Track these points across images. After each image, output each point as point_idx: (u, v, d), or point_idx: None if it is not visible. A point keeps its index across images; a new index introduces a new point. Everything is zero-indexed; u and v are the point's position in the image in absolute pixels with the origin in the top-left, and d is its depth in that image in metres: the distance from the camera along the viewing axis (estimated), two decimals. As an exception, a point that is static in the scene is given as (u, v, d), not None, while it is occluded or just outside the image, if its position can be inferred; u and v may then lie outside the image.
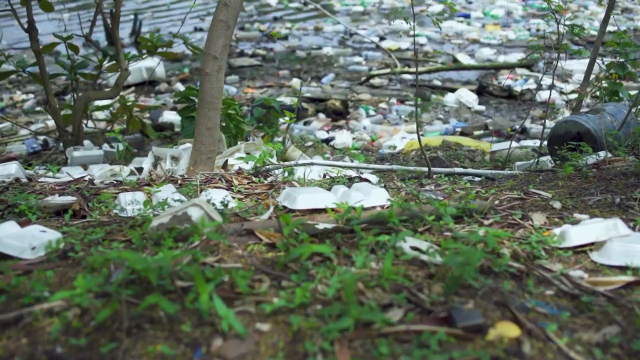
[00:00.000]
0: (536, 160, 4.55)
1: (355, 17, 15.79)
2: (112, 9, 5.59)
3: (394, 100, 9.20)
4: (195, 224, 2.28)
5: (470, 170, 4.01)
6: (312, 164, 3.89)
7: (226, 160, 4.02)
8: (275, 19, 15.49)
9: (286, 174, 3.82)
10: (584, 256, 2.40)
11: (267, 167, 3.79)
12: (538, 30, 13.72)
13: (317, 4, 13.41)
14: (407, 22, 3.80)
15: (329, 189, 3.37)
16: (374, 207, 3.09)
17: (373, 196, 3.16)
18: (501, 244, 2.40)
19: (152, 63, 10.29)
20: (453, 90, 9.56)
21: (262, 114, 5.67)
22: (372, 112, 8.56)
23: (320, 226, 2.51)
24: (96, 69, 5.91)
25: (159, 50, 6.26)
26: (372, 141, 7.27)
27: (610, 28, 13.88)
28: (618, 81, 6.27)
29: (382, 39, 13.29)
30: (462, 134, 7.54)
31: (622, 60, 5.76)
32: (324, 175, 3.95)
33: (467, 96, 9.12)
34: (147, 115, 8.91)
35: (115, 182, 3.82)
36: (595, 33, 13.65)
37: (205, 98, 3.93)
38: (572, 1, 16.74)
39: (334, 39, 13.38)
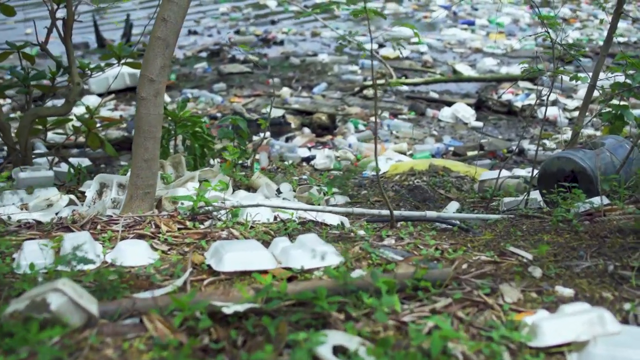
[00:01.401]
0: (525, 198, 4.02)
1: (355, 22, 15.25)
2: (65, 17, 5.08)
3: (386, 113, 8.66)
4: (54, 313, 1.77)
5: (443, 213, 3.48)
6: (257, 205, 3.37)
7: (161, 198, 3.50)
8: (273, 23, 14.98)
9: (229, 215, 3.30)
10: (559, 360, 1.88)
11: (207, 208, 3.27)
12: (545, 40, 13.13)
13: (315, 15, 12.87)
14: (360, 49, 3.28)
15: (272, 239, 2.86)
16: (317, 269, 2.58)
17: (318, 255, 2.64)
18: (454, 342, 1.88)
19: (136, 69, 9.78)
20: (450, 104, 9.02)
21: (227, 134, 5.16)
22: (361, 127, 8.04)
23: (230, 309, 1.99)
24: (50, 81, 5.40)
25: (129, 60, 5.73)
26: (357, 160, 6.75)
27: (620, 39, 13.31)
28: (623, 102, 5.76)
29: (381, 46, 12.76)
30: (454, 154, 7.01)
31: (630, 85, 5.24)
32: (275, 218, 3.43)
33: (464, 111, 8.58)
34: (124, 125, 8.43)
35: (30, 222, 3.32)
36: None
37: (141, 126, 3.42)
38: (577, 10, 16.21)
39: (331, 45, 12.85)
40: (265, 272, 2.54)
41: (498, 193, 4.50)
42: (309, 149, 6.94)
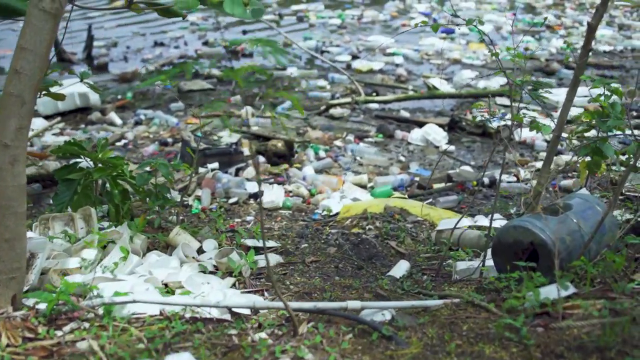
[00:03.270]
0: (479, 267, 3.40)
1: (332, 31, 14.60)
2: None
3: (351, 136, 8.02)
4: None
5: (370, 303, 2.83)
6: (132, 302, 2.72)
7: (14, 295, 2.85)
8: (245, 33, 14.31)
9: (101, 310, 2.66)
10: None
11: (69, 307, 2.63)
12: (527, 49, 12.54)
13: (281, 31, 12.24)
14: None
15: None
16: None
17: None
18: None
19: (87, 88, 9.11)
20: (421, 124, 8.38)
21: (147, 180, 4.50)
22: (322, 154, 7.38)
23: None
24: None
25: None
26: (311, 196, 6.10)
27: (605, 47, 12.71)
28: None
29: (355, 57, 12.14)
30: (419, 186, 6.38)
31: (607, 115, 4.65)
32: (161, 313, 2.79)
33: (435, 133, 7.94)
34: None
35: None
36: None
37: (-3, 200, 2.78)
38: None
39: (302, 57, 12.20)
40: None
41: (451, 254, 3.86)
42: (259, 182, 6.27)
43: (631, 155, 5.44)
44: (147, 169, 4.57)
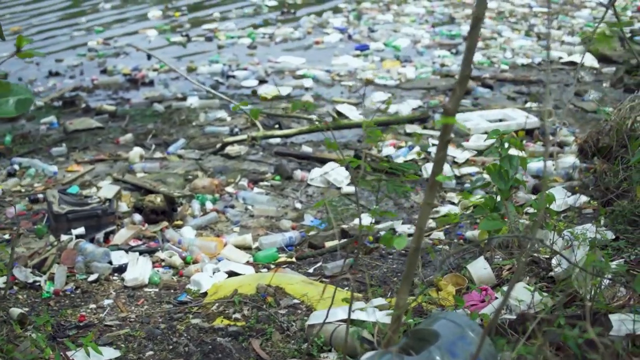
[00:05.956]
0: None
1: (241, 52, 13.81)
2: None
3: (245, 181, 7.29)
4: None
5: None
6: None
7: None
8: (149, 58, 13.40)
9: None
10: None
11: None
12: (442, 65, 12.03)
13: (169, 64, 11.43)
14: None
15: None
16: None
17: None
18: None
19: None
20: (324, 160, 7.71)
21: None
22: (209, 205, 6.63)
23: None
24: None
25: None
26: (186, 265, 5.35)
27: (523, 60, 12.26)
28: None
29: (262, 82, 11.41)
30: (310, 245, 5.69)
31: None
32: None
33: (336, 173, 7.26)
34: None
35: None
36: (505, 67, 12.02)
37: None
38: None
39: (206, 84, 11.36)
40: None
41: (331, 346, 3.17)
42: (127, 251, 5.48)
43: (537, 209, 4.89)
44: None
